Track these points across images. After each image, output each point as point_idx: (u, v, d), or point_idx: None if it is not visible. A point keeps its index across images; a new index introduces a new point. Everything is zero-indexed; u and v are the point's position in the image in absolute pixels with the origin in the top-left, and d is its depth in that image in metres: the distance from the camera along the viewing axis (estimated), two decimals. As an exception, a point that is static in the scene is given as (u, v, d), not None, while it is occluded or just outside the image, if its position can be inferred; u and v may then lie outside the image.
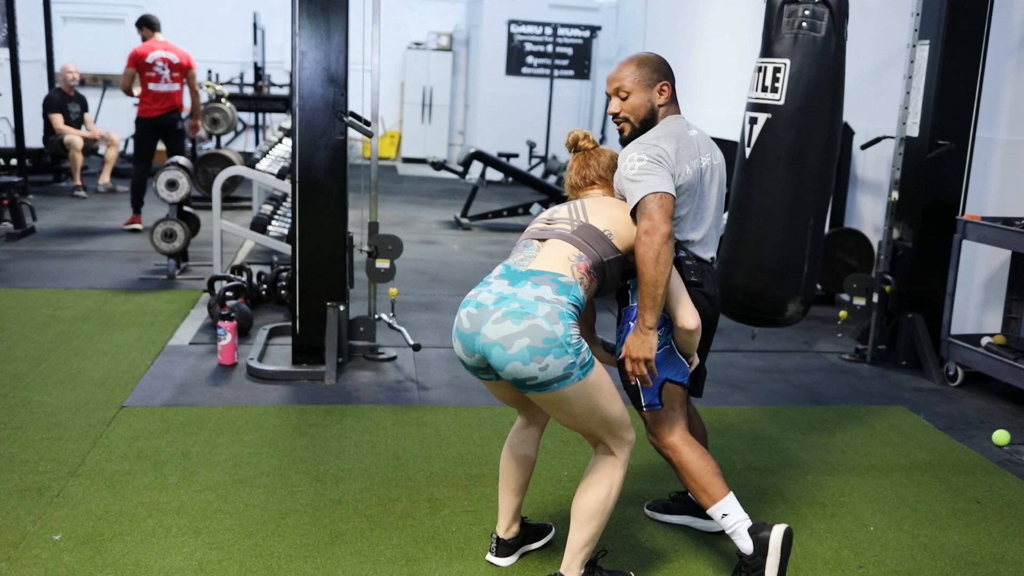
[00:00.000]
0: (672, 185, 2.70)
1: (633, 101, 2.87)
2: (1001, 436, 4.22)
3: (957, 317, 5.39)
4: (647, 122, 2.88)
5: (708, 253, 2.94)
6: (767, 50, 3.55)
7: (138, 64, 8.06)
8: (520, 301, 2.52)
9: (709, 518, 3.23)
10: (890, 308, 5.38)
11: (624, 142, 2.91)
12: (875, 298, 5.34)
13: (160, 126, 8.14)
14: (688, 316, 2.72)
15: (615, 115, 2.91)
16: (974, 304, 5.61)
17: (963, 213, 5.22)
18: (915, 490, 3.70)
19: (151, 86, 8.07)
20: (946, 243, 5.14)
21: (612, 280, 2.75)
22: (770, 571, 2.68)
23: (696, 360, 2.92)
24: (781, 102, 3.47)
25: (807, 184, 3.49)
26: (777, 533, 2.68)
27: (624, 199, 2.78)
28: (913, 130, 5.26)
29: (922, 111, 5.20)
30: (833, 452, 4.05)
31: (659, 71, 2.88)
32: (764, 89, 3.51)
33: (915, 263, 5.31)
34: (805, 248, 3.53)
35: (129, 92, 8.16)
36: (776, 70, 3.48)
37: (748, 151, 3.60)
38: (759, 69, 3.54)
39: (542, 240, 2.73)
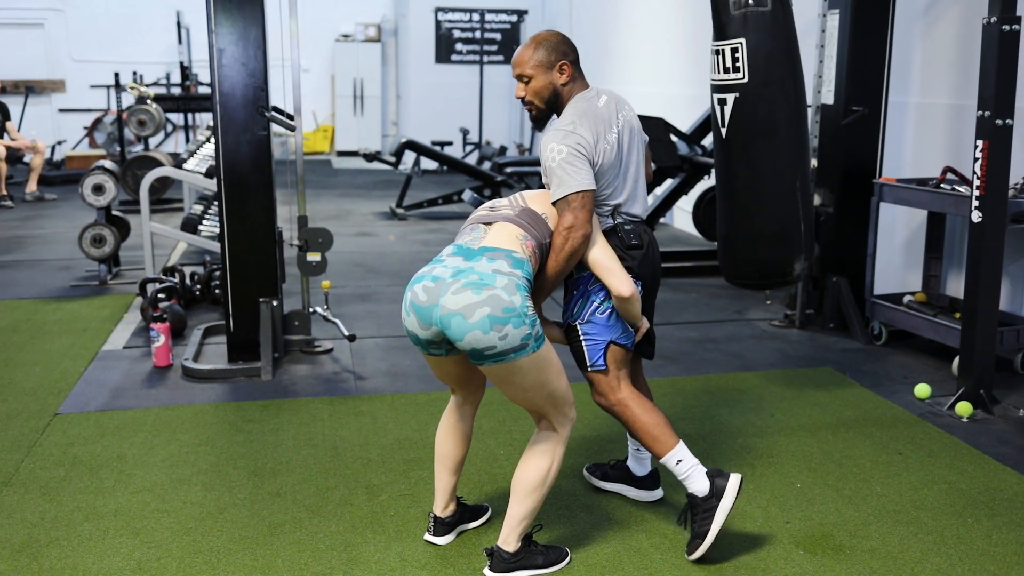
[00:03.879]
0: (592, 178, 2.81)
1: (535, 85, 2.93)
2: (922, 390, 4.37)
3: (880, 278, 5.55)
4: (552, 101, 2.96)
5: (637, 208, 3.04)
6: (720, 33, 3.67)
7: None
8: (478, 273, 2.59)
9: (643, 487, 3.33)
10: (815, 273, 5.52)
11: (534, 120, 3.02)
12: (800, 264, 5.47)
13: None
14: (621, 285, 2.81)
15: (521, 99, 2.98)
16: (895, 265, 5.77)
17: (880, 176, 5.37)
18: (840, 446, 3.83)
19: None
20: (865, 207, 5.28)
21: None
22: (721, 513, 2.82)
23: (644, 325, 3.02)
24: (745, 80, 3.61)
25: (785, 150, 3.67)
26: (734, 480, 2.86)
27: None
28: (828, 98, 5.39)
29: (836, 79, 5.33)
30: (762, 415, 4.17)
31: (557, 50, 2.93)
32: (726, 71, 3.65)
33: (837, 228, 5.45)
34: (798, 210, 3.71)
35: None
36: (734, 50, 3.61)
37: (724, 131, 3.74)
38: (717, 52, 3.66)
39: (488, 224, 2.82)
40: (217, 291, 5.85)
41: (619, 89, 3.03)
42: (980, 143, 4.04)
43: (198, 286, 5.95)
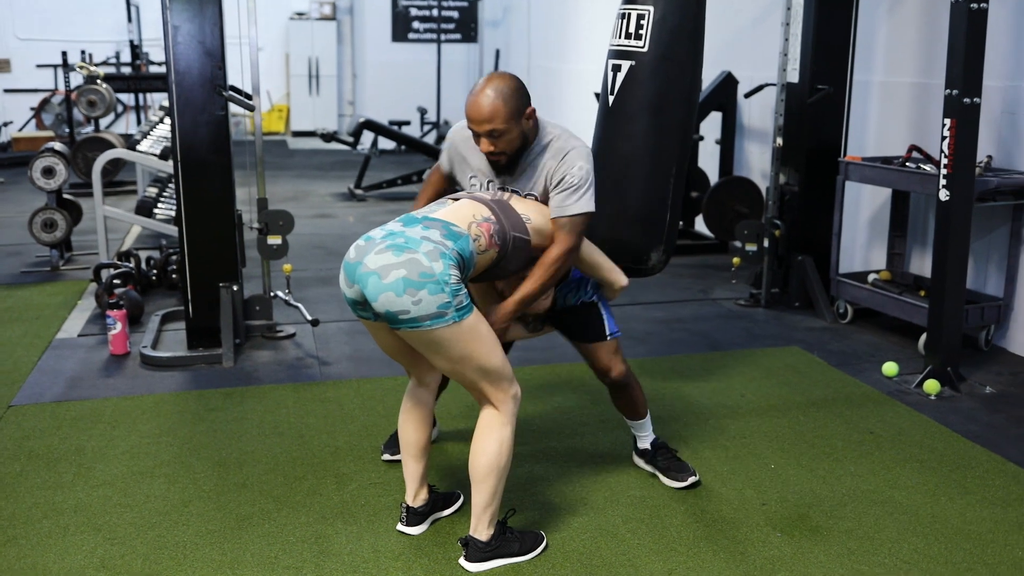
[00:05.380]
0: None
1: (509, 137, 2.78)
2: (890, 368, 4.38)
3: (844, 256, 5.56)
4: (522, 148, 2.85)
5: None
6: None
7: None
8: (406, 237, 2.57)
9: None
10: (781, 252, 5.51)
11: (504, 168, 2.88)
12: (766, 243, 5.46)
13: None
14: (622, 277, 3.14)
15: (491, 153, 2.81)
16: (860, 243, 5.79)
17: (844, 155, 5.36)
18: (812, 426, 3.82)
19: None
20: (830, 185, 5.28)
21: (512, 260, 2.76)
22: None
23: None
24: (644, 49, 3.42)
25: (669, 132, 3.45)
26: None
27: (554, 186, 2.83)
28: (793, 76, 5.37)
29: (801, 57, 5.31)
30: (732, 396, 4.15)
31: (523, 96, 2.79)
32: (628, 36, 3.44)
33: (802, 206, 5.45)
34: (668, 197, 3.51)
35: None
36: (640, 17, 3.42)
37: (611, 99, 3.53)
38: (622, 16, 3.47)
39: (456, 199, 2.79)
40: (174, 276, 5.71)
41: (579, 68, 2.98)
42: (948, 121, 4.03)
43: (154, 271, 5.80)
